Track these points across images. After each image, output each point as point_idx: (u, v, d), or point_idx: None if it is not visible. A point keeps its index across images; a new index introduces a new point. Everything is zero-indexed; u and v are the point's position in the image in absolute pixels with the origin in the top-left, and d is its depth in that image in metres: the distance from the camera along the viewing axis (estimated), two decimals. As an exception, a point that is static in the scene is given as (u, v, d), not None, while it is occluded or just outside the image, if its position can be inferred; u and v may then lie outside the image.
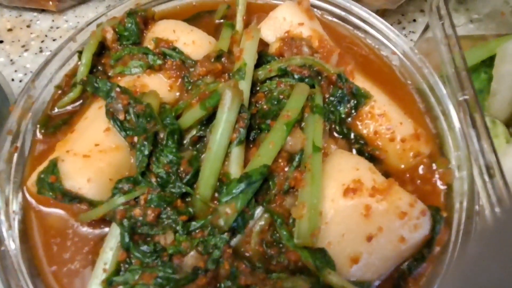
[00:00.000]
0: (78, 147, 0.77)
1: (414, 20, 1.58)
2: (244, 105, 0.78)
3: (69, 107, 0.92)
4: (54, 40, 1.52)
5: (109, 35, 0.92)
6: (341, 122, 0.86)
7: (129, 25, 0.94)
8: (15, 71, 1.44)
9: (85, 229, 0.77)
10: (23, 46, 1.51)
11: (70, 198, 0.74)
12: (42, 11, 1.59)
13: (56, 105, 0.91)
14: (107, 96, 0.83)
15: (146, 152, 0.75)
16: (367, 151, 0.84)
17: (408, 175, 0.83)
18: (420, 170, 0.84)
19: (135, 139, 0.78)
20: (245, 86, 0.82)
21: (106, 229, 0.77)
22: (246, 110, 0.77)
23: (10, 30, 1.55)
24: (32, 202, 0.79)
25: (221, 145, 0.74)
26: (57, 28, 1.56)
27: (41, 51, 1.49)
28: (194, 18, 1.05)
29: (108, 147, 0.78)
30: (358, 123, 0.87)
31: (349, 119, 0.87)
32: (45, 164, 0.77)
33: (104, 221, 0.76)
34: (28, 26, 1.56)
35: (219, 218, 0.68)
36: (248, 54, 0.84)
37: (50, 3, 1.54)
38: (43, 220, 0.78)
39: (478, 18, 1.36)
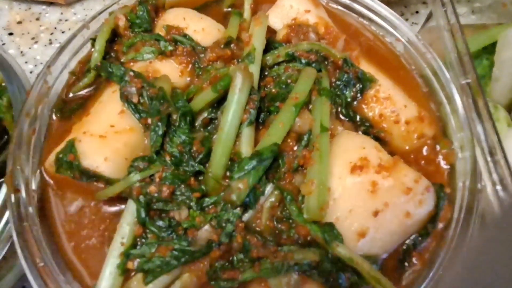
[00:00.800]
0: (94, 128, 0.80)
1: (417, 12, 1.60)
2: (254, 88, 0.81)
3: (83, 92, 0.95)
4: (63, 32, 1.55)
5: (122, 23, 0.95)
6: (347, 105, 0.89)
7: (141, 13, 0.97)
8: (26, 62, 1.47)
9: (100, 207, 0.80)
10: (32, 38, 1.53)
11: (87, 176, 0.77)
12: (51, 4, 1.62)
13: (71, 90, 0.93)
14: (121, 80, 0.85)
15: (160, 133, 0.78)
16: (372, 133, 0.87)
17: (412, 156, 0.86)
18: (424, 151, 0.87)
19: (149, 120, 0.81)
20: (254, 69, 0.84)
21: (121, 207, 0.80)
22: (256, 92, 0.80)
23: (19, 22, 1.58)
24: (49, 181, 0.82)
25: (232, 126, 0.76)
26: (66, 20, 1.59)
27: (50, 43, 1.52)
28: (202, 7, 1.08)
29: (123, 128, 0.81)
30: (364, 106, 0.89)
31: (355, 102, 0.90)
32: (62, 145, 0.80)
33: (119, 199, 0.79)
34: (37, 19, 1.59)
35: (232, 194, 0.71)
36: (257, 40, 0.87)
37: (59, -5, 1.57)
38: (60, 199, 0.81)
39: (479, 8, 1.38)
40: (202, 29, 0.97)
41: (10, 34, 1.54)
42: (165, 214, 0.74)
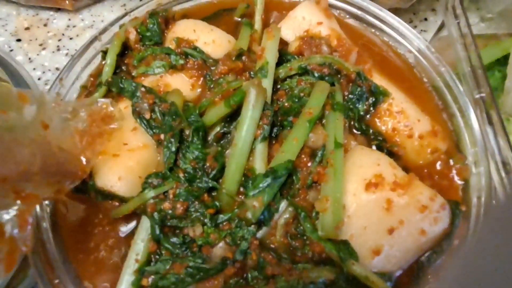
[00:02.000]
0: (109, 146, 0.80)
1: (426, 19, 1.59)
2: (268, 103, 0.81)
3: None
4: (71, 38, 1.55)
5: (132, 36, 0.95)
6: (360, 119, 0.89)
7: (151, 25, 0.96)
8: (34, 69, 1.47)
9: (114, 223, 0.80)
10: (40, 45, 1.53)
11: (102, 196, 0.77)
12: (58, 10, 1.62)
13: (83, 103, 0.93)
14: (133, 96, 0.85)
15: (173, 149, 0.77)
16: (386, 147, 0.86)
17: (426, 171, 0.85)
18: (438, 166, 0.86)
19: (162, 136, 0.81)
20: (267, 83, 0.84)
21: (134, 223, 0.80)
22: (269, 107, 0.80)
23: (27, 28, 1.58)
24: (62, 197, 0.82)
25: (246, 142, 0.76)
26: (74, 26, 1.59)
27: (58, 50, 1.52)
28: (213, 16, 1.07)
29: (136, 145, 0.81)
30: (377, 120, 0.89)
31: (368, 116, 0.90)
32: (76, 161, 0.80)
33: (132, 215, 0.79)
34: (45, 25, 1.59)
35: (247, 211, 0.70)
36: (270, 53, 0.87)
37: (67, 2, 1.57)
38: (72, 214, 0.81)
39: (489, 17, 1.38)
40: (213, 41, 0.97)
41: (18, 40, 1.54)
42: (179, 230, 0.74)
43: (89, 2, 1.64)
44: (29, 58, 1.49)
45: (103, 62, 0.98)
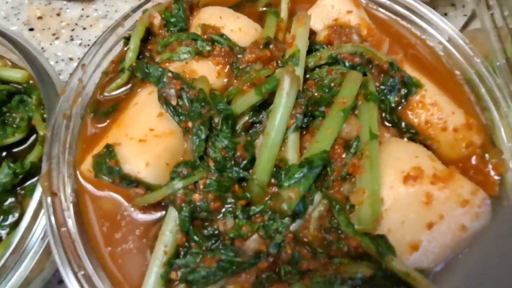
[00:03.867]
0: (133, 132, 0.77)
1: (445, 14, 1.57)
2: (301, 91, 0.78)
3: (116, 93, 0.91)
4: (84, 28, 1.52)
5: (157, 21, 0.92)
6: (391, 111, 0.86)
7: (176, 11, 0.93)
8: (47, 58, 1.43)
9: (136, 213, 0.77)
10: (53, 34, 1.50)
11: (128, 182, 0.74)
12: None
13: (105, 91, 0.90)
14: (159, 82, 0.82)
15: (203, 137, 0.74)
16: (418, 140, 0.83)
17: (460, 165, 0.82)
18: (473, 160, 0.83)
19: (189, 124, 0.78)
20: (299, 72, 0.81)
21: (158, 214, 0.77)
22: (302, 96, 0.77)
23: (40, 18, 1.55)
24: (85, 185, 0.79)
25: (279, 131, 0.73)
26: (87, 16, 1.56)
27: (71, 40, 1.49)
28: (236, 6, 1.04)
29: (163, 132, 0.78)
30: (409, 112, 0.86)
31: (399, 108, 0.87)
32: (99, 148, 0.77)
33: (156, 205, 0.76)
34: (58, 15, 1.56)
35: (282, 203, 0.67)
36: (300, 41, 0.84)
37: (81, -9, 1.54)
38: (96, 203, 0.78)
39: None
40: (239, 28, 0.94)
41: (31, 29, 1.51)
42: (208, 222, 0.70)
43: (103, -9, 1.61)
44: (42, 48, 1.46)
45: (125, 48, 0.95)
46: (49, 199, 0.73)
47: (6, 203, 0.89)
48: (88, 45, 1.48)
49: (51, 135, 0.79)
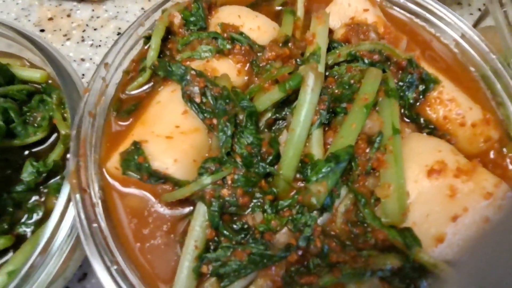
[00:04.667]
0: (159, 129, 0.78)
1: (452, 12, 1.59)
2: (324, 88, 0.79)
3: (137, 91, 0.92)
4: (95, 29, 1.53)
5: (177, 20, 0.93)
6: (409, 107, 0.87)
7: (196, 10, 0.95)
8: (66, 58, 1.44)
9: (163, 209, 0.78)
10: (64, 35, 1.51)
11: (156, 178, 0.75)
12: (81, 0, 1.60)
13: (127, 89, 0.91)
14: (182, 80, 0.83)
15: (229, 133, 0.76)
16: (437, 135, 0.85)
17: (479, 160, 0.84)
18: (491, 154, 0.85)
19: (214, 121, 0.79)
20: (321, 69, 0.82)
21: (184, 209, 0.78)
22: (326, 92, 0.78)
23: (50, 19, 1.55)
24: (112, 182, 0.80)
25: (304, 127, 0.75)
26: (98, 17, 1.57)
27: (83, 40, 1.50)
28: (252, 5, 1.05)
29: (188, 129, 0.79)
30: (427, 108, 0.88)
31: (417, 104, 0.88)
32: (126, 145, 0.78)
33: (182, 201, 0.77)
34: (69, 16, 1.57)
35: (311, 197, 0.69)
36: (321, 38, 0.85)
37: (92, -7, 1.55)
38: (123, 200, 0.79)
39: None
40: (258, 27, 0.95)
41: (42, 30, 1.52)
42: (237, 217, 0.72)
43: (113, -8, 1.62)
44: (54, 48, 1.47)
45: (146, 47, 0.96)
46: (78, 196, 0.74)
47: (30, 201, 0.90)
48: (99, 45, 1.49)
49: (76, 133, 0.80)
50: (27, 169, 0.90)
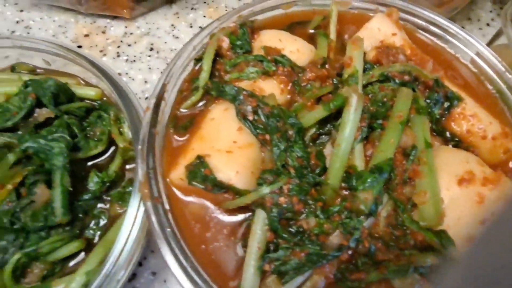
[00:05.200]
0: (219, 144, 0.88)
1: (463, 27, 1.70)
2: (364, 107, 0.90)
3: (188, 108, 1.03)
4: (129, 45, 1.63)
5: (225, 44, 1.03)
6: (436, 122, 0.98)
7: (241, 35, 1.05)
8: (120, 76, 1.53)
9: (222, 215, 0.88)
10: (101, 51, 1.61)
11: (219, 188, 0.85)
12: (114, 18, 1.70)
13: (181, 107, 1.01)
14: (234, 99, 0.94)
15: (283, 148, 0.86)
16: (462, 147, 0.96)
17: (500, 169, 0.94)
18: (510, 164, 0.96)
19: (267, 136, 0.89)
20: (360, 90, 0.93)
21: (241, 216, 0.88)
22: (366, 111, 0.89)
23: (86, 35, 1.66)
24: (175, 191, 0.90)
25: (348, 142, 0.85)
26: (131, 34, 1.67)
27: (118, 56, 1.60)
28: (288, 28, 1.16)
29: (244, 144, 0.89)
30: (452, 123, 0.98)
31: (443, 119, 0.99)
32: (188, 159, 0.88)
33: (240, 208, 0.87)
34: (103, 32, 1.67)
35: (360, 204, 0.79)
36: (358, 62, 0.96)
37: (125, 11, 1.66)
38: (186, 207, 0.89)
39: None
40: (297, 49, 1.05)
41: (79, 46, 1.62)
42: (293, 222, 0.82)
43: (144, 10, 1.72)
44: (92, 64, 1.57)
45: (196, 68, 1.06)
46: (149, 204, 0.84)
47: (96, 208, 1.00)
48: (134, 60, 1.59)
49: (141, 148, 0.90)
50: (93, 179, 1.00)
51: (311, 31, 1.17)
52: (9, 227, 0.90)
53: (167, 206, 0.84)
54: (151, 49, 1.63)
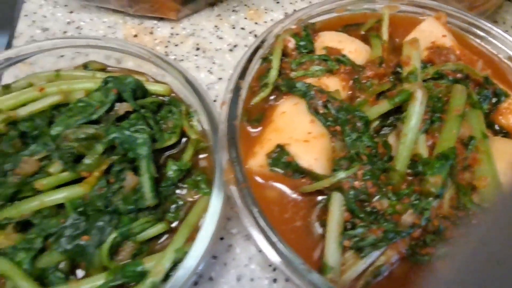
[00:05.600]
0: (296, 134, 0.98)
1: (490, 30, 1.80)
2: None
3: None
4: (176, 45, 1.72)
5: (291, 45, 1.13)
6: (486, 116, 1.08)
7: (305, 36, 1.15)
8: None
9: (298, 198, 0.98)
10: (150, 51, 1.70)
11: (299, 173, 0.95)
12: (160, 19, 1.79)
13: (251, 102, 1.11)
14: (305, 95, 1.03)
15: (354, 138, 0.96)
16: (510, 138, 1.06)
17: (545, 158, 1.04)
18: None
19: (337, 128, 0.99)
20: (420, 86, 1.03)
21: (315, 198, 0.98)
22: (429, 105, 0.99)
23: (135, 36, 1.75)
24: (255, 178, 0.99)
25: (414, 133, 0.95)
26: (177, 34, 1.76)
27: (167, 55, 1.69)
28: (342, 30, 1.26)
29: (317, 134, 0.99)
30: (499, 117, 1.08)
31: (491, 113, 1.09)
32: (267, 148, 0.98)
33: (314, 192, 0.97)
34: (151, 33, 1.76)
35: (431, 187, 0.89)
36: (416, 61, 1.06)
37: (172, 13, 1.75)
38: (264, 191, 0.98)
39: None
40: (355, 50, 1.15)
41: (129, 46, 1.71)
42: (367, 203, 0.92)
43: (189, 12, 1.82)
44: (142, 63, 1.66)
45: (262, 66, 1.15)
46: (234, 188, 0.93)
47: (175, 194, 1.09)
48: (182, 59, 1.69)
49: (222, 139, 0.99)
50: (171, 167, 1.09)
51: (363, 32, 1.26)
52: (104, 209, 0.99)
53: (250, 190, 0.93)
54: (197, 49, 1.73)
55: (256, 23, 1.82)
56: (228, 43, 1.78)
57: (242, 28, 1.79)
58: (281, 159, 0.94)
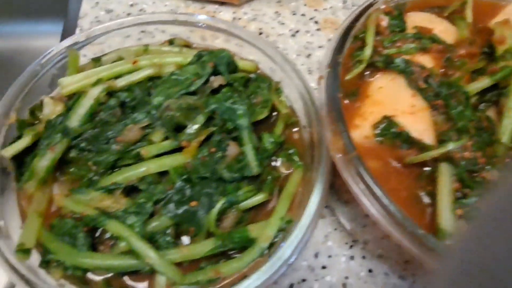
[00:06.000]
0: (401, 107, 1.01)
1: None
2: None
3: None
4: (239, 29, 1.75)
5: (385, 23, 1.15)
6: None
7: (397, 15, 1.17)
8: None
9: (402, 169, 1.00)
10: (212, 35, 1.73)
11: (408, 144, 0.97)
12: (222, 3, 1.82)
13: (346, 77, 1.13)
14: (403, 71, 1.06)
15: (459, 110, 0.98)
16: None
17: None
18: None
19: (438, 102, 1.01)
20: (519, 63, 1.06)
21: (423, 169, 0.99)
22: (527, 79, 1.01)
23: (198, 19, 1.77)
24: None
25: (517, 105, 0.98)
26: (239, 19, 1.79)
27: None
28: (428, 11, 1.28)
29: (420, 107, 1.01)
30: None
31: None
32: (372, 120, 1.01)
33: (418, 164, 0.99)
34: (213, 17, 1.78)
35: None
36: (511, 39, 1.08)
37: (236, -2, 1.77)
38: (367, 162, 1.00)
39: None
40: (445, 30, 1.18)
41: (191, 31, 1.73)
42: (476, 174, 0.94)
43: (250, -2, 1.84)
44: (205, 45, 1.68)
45: (353, 44, 1.18)
46: (339, 156, 0.96)
47: (270, 166, 1.11)
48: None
49: (327, 111, 1.02)
50: (268, 140, 1.11)
51: (445, 15, 1.29)
52: (211, 176, 1.02)
53: (361, 159, 0.95)
54: (261, 33, 1.75)
55: (315, 9, 1.84)
56: (290, 28, 1.81)
57: (303, 15, 1.81)
58: (390, 129, 0.97)
